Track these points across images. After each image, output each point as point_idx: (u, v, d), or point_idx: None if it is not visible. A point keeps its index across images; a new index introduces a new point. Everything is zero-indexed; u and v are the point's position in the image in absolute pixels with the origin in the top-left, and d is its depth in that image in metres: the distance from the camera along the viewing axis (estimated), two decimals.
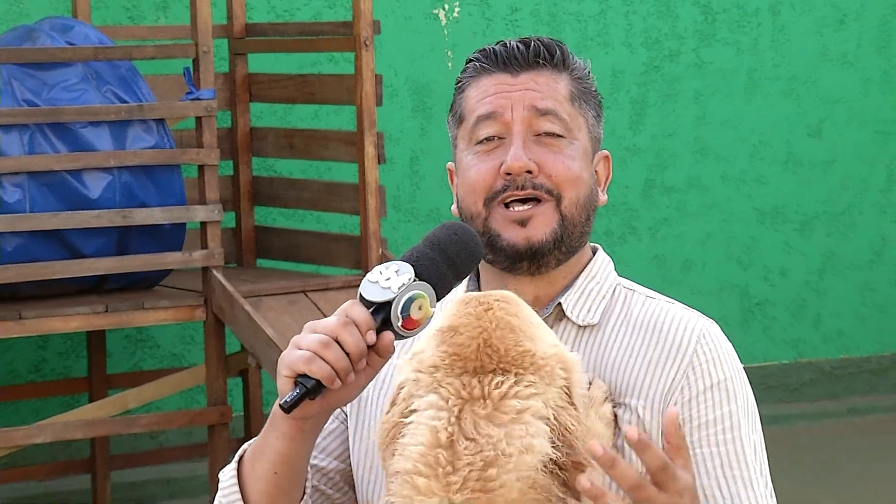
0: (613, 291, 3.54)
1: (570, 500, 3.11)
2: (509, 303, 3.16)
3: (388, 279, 3.10)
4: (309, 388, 3.05)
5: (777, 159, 10.82)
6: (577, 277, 3.50)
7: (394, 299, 3.10)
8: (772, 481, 3.77)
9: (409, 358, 3.15)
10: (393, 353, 3.18)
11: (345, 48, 8.56)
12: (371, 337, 3.10)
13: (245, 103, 9.06)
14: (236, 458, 3.38)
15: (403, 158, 9.24)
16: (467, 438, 2.96)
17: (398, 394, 3.14)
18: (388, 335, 3.13)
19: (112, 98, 8.18)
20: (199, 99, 8.24)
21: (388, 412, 3.16)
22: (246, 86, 9.06)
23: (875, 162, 10.99)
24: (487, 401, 3.01)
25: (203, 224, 8.24)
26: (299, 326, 8.66)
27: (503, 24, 10.01)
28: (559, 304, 3.44)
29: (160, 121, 8.25)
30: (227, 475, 3.32)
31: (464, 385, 3.04)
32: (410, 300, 3.12)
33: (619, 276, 3.55)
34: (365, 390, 3.45)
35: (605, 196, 3.45)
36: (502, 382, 3.01)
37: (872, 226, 10.98)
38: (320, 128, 9.05)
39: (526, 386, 3.01)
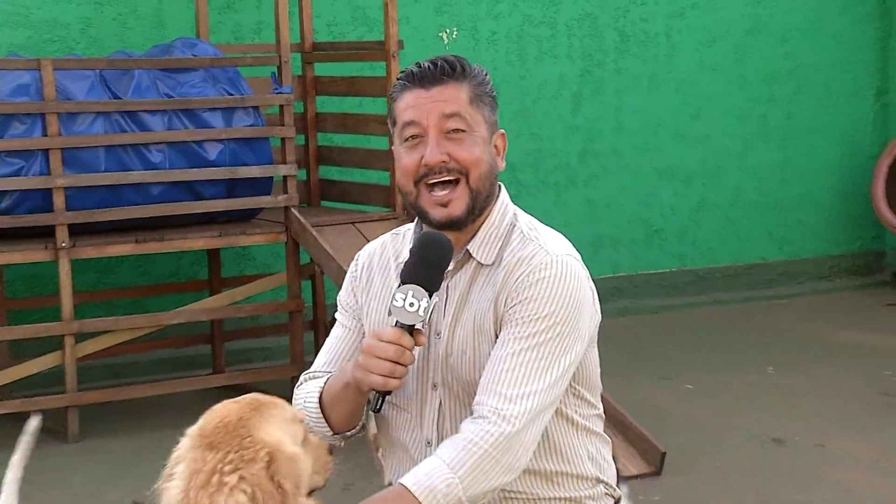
0: (510, 230, 3.51)
1: None
2: (261, 408, 3.10)
3: (412, 305, 3.20)
4: (385, 394, 3.26)
5: (669, 135, 10.76)
6: (485, 226, 3.49)
7: (422, 322, 3.23)
8: (667, 351, 3.58)
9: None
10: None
11: (379, 59, 8.49)
12: (413, 353, 3.28)
13: (312, 96, 9.03)
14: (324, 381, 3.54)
15: None
16: (201, 492, 2.88)
17: (172, 461, 3.05)
18: (419, 339, 3.27)
19: (223, 92, 8.17)
20: (282, 93, 8.22)
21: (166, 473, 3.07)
22: (313, 84, 9.04)
23: (735, 137, 10.95)
24: (206, 473, 2.90)
25: (284, 177, 8.27)
26: (349, 246, 8.45)
27: (486, 44, 9.93)
28: (467, 250, 3.47)
29: (255, 108, 8.24)
30: (313, 385, 3.52)
31: (196, 459, 2.95)
32: (429, 310, 3.23)
33: (555, 212, 3.47)
34: (367, 307, 3.68)
35: (504, 163, 3.52)
36: (215, 457, 2.92)
37: (732, 180, 10.95)
38: (363, 112, 8.96)
39: (230, 462, 2.91)
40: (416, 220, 3.60)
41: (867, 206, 11.08)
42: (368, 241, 7.84)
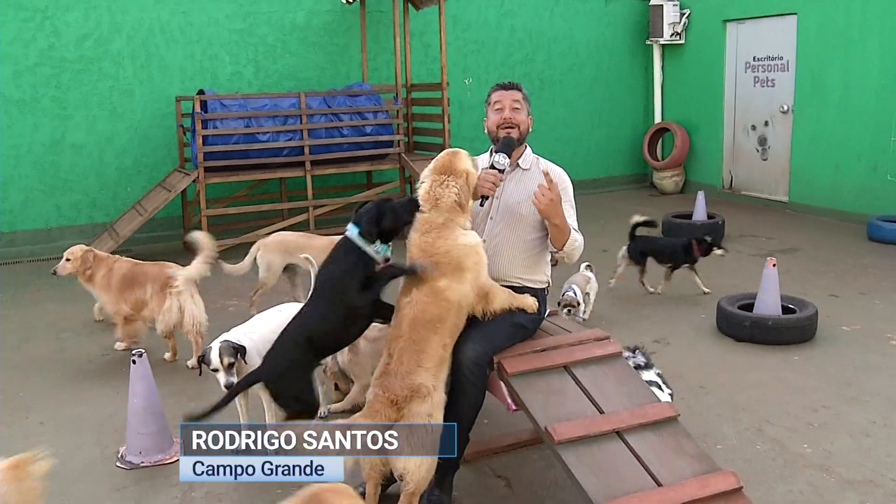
0: (536, 159, 3.47)
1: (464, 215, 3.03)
2: (457, 154, 3.10)
3: (503, 161, 3.22)
4: (486, 197, 3.18)
5: (561, 124, 10.48)
6: (522, 153, 3.43)
7: (504, 169, 3.20)
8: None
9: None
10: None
11: (438, 90, 8.45)
12: (502, 182, 3.24)
13: (410, 106, 8.95)
14: None
15: (455, 120, 8.96)
16: (438, 188, 2.97)
17: (421, 184, 3.06)
18: (503, 176, 3.21)
19: (373, 104, 8.21)
20: (397, 105, 8.30)
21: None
22: (410, 101, 8.96)
23: (589, 124, 10.69)
24: (439, 182, 2.99)
25: (398, 140, 8.30)
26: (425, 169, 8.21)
27: (485, 84, 9.64)
28: (518, 163, 3.41)
29: (386, 111, 8.24)
30: None
31: (434, 178, 3.03)
32: (507, 164, 3.20)
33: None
34: None
35: (531, 128, 3.46)
36: (442, 177, 3.01)
37: (588, 143, 10.72)
38: (430, 112, 8.81)
39: (451, 177, 3.01)
40: (490, 149, 3.42)
41: (641, 154, 10.86)
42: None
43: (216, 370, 3.35)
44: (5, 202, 8.12)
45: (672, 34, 10.49)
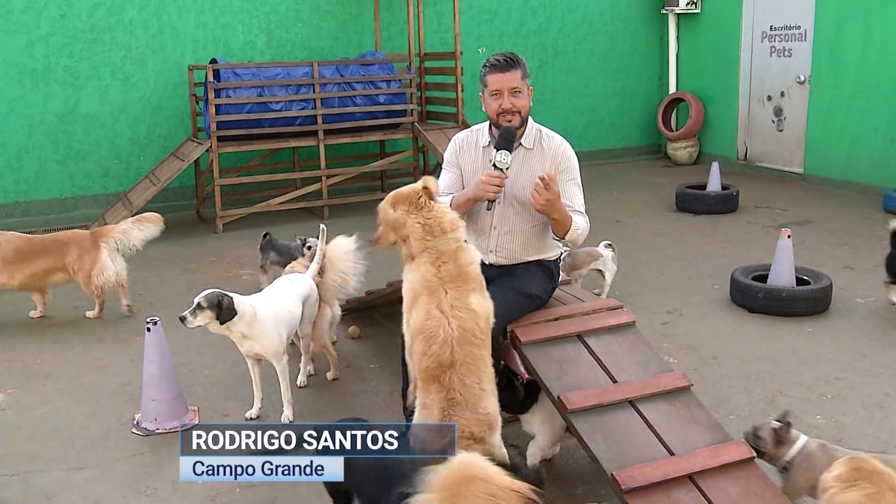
0: (539, 133, 3.29)
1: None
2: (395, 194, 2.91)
3: (505, 159, 3.10)
4: (493, 201, 3.13)
5: (573, 93, 10.30)
6: (525, 131, 3.28)
7: (508, 167, 3.10)
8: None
9: None
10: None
11: (451, 59, 8.37)
12: (505, 182, 3.12)
13: (423, 75, 8.85)
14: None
15: (468, 89, 8.66)
16: (427, 214, 2.80)
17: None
18: (506, 174, 3.10)
19: (386, 73, 8.14)
20: (411, 74, 8.23)
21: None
22: (424, 70, 8.86)
23: (603, 95, 10.47)
24: (421, 206, 2.82)
25: (412, 110, 8.28)
26: (438, 139, 8.48)
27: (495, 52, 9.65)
28: (520, 142, 3.26)
29: (399, 80, 8.19)
30: (444, 199, 3.13)
31: (411, 207, 2.84)
32: (510, 161, 3.11)
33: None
34: (464, 163, 3.35)
35: (531, 102, 3.29)
36: (421, 200, 2.85)
37: (597, 114, 10.42)
38: (444, 82, 8.68)
39: (421, 199, 2.83)
40: (489, 127, 3.34)
41: (655, 125, 10.80)
42: (448, 138, 8.15)
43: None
44: (20, 172, 8.15)
45: (688, 3, 10.37)
